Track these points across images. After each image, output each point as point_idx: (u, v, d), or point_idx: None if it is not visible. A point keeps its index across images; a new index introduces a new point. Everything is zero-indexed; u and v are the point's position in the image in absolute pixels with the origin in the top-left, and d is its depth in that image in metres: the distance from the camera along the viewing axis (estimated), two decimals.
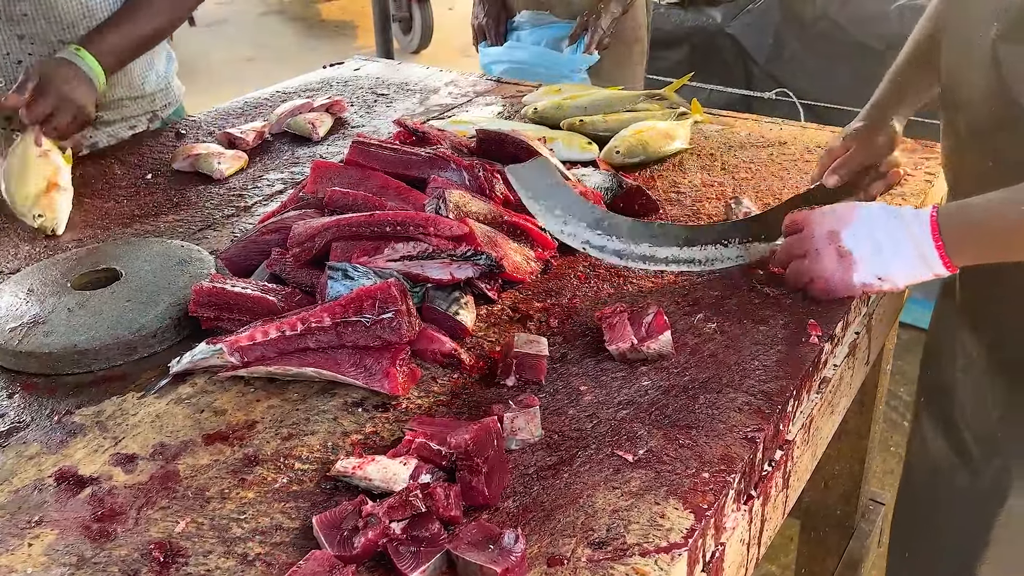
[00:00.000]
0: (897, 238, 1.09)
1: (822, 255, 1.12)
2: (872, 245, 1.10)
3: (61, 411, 1.05)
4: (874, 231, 1.10)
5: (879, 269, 1.10)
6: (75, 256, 1.30)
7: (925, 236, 1.07)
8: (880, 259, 1.10)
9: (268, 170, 1.68)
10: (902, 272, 1.10)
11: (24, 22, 1.62)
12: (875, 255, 1.10)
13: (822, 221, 1.13)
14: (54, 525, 0.89)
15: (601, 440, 0.97)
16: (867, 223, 1.10)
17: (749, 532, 0.98)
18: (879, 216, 1.11)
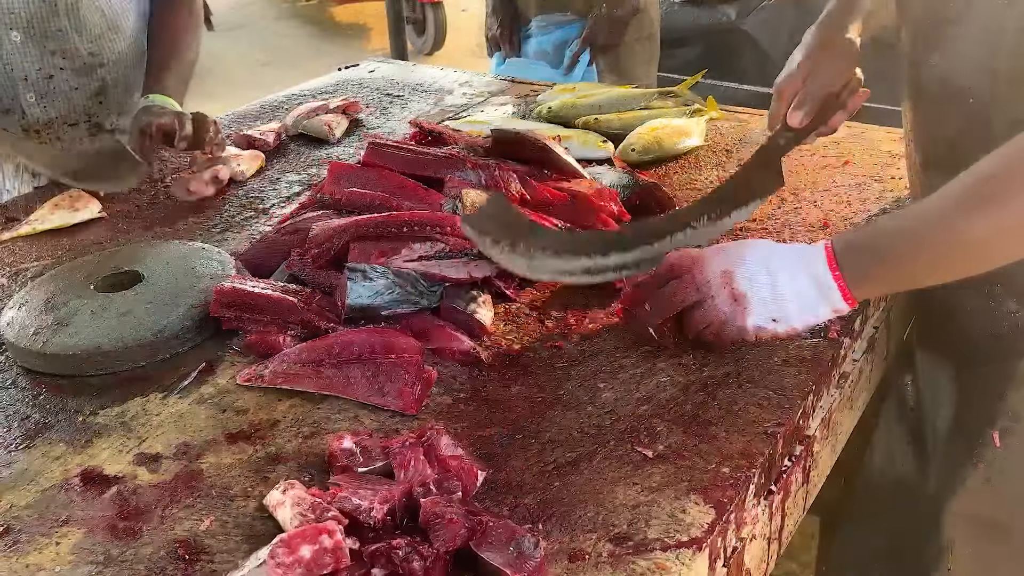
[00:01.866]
0: (794, 273, 0.99)
1: (716, 300, 1.01)
2: (768, 284, 1.00)
3: (86, 412, 1.06)
4: (770, 269, 1.00)
5: (774, 310, 1.00)
6: (97, 259, 1.31)
7: (823, 269, 0.97)
8: (777, 300, 0.99)
9: (285, 172, 1.69)
10: (798, 312, 1.00)
11: (57, 37, 1.66)
12: (772, 296, 1.00)
13: (712, 261, 1.02)
14: (81, 524, 0.90)
15: (620, 436, 0.97)
16: (761, 260, 1.00)
17: (770, 527, 0.98)
18: (774, 252, 1.01)
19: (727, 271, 1.01)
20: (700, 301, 1.03)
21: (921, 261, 0.97)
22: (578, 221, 1.35)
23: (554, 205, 1.36)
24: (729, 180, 1.23)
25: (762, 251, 1.02)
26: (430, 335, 1.13)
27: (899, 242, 0.97)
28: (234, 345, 1.16)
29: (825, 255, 0.98)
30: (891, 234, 0.98)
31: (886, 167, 1.54)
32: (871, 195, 1.45)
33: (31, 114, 1.69)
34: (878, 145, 1.62)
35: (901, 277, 1.02)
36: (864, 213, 1.40)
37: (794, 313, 1.00)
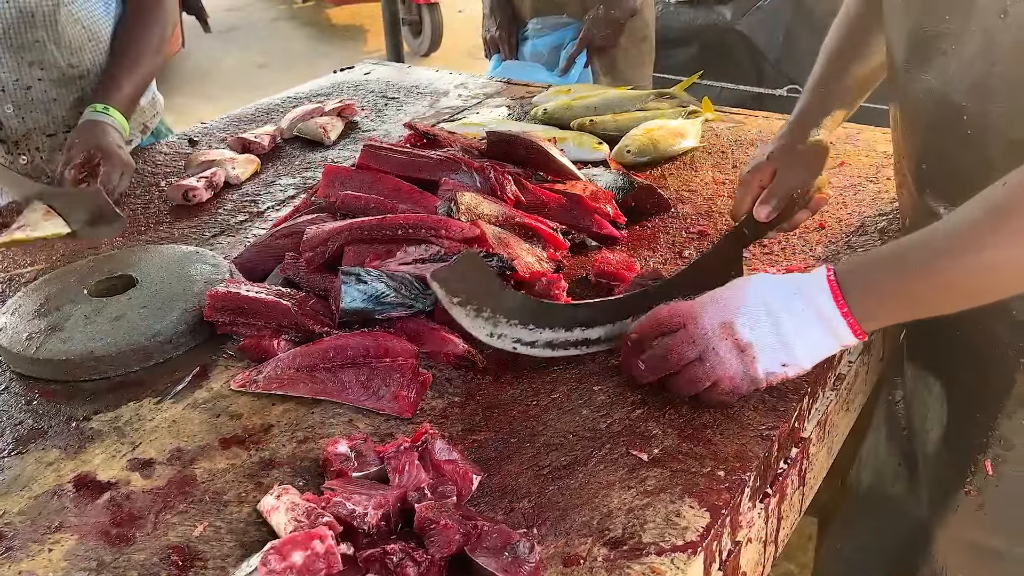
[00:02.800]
0: (797, 312, 0.94)
1: (720, 353, 0.95)
2: (772, 328, 0.95)
3: (79, 417, 1.06)
4: (771, 310, 0.95)
5: (783, 355, 0.95)
6: (91, 263, 1.31)
7: (828, 303, 0.93)
8: (786, 344, 0.95)
9: (280, 175, 1.69)
10: (807, 351, 0.96)
11: (35, 48, 1.64)
12: (779, 341, 0.95)
13: (707, 313, 0.97)
14: (74, 530, 0.89)
15: (615, 440, 0.97)
16: (760, 303, 0.96)
17: (766, 530, 0.98)
18: (772, 291, 0.96)
19: (726, 322, 0.96)
20: (701, 357, 0.97)
21: (938, 292, 0.93)
22: (574, 223, 1.35)
23: (550, 207, 1.36)
24: (692, 265, 1.20)
25: (760, 293, 0.97)
26: (425, 338, 1.12)
27: (916, 273, 0.92)
28: (228, 349, 1.16)
29: (829, 289, 0.94)
30: (899, 266, 0.94)
31: (881, 168, 1.54)
32: (867, 196, 1.45)
33: (9, 125, 1.67)
34: (873, 146, 1.62)
35: (911, 310, 0.99)
36: (859, 215, 1.39)
37: (803, 355, 0.96)
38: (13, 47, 1.62)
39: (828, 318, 0.94)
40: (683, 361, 0.98)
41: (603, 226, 1.35)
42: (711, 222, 1.41)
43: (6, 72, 1.63)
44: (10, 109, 1.67)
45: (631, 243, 1.36)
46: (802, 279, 0.97)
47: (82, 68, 1.70)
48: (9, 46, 1.61)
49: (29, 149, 1.71)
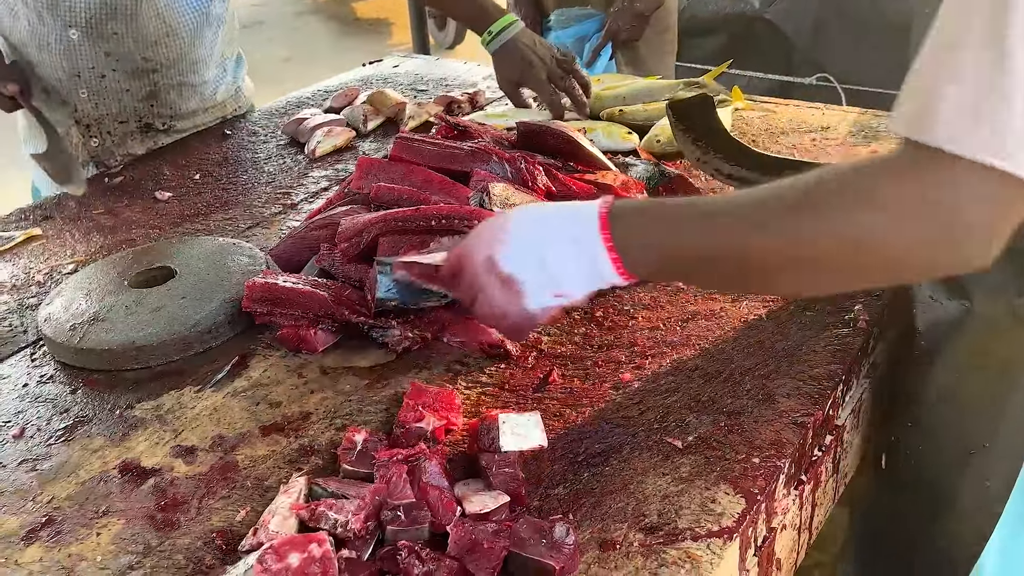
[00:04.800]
0: (564, 244, 0.88)
1: (487, 289, 0.92)
2: (535, 260, 0.89)
3: (122, 406, 1.08)
4: (531, 242, 0.90)
5: (552, 285, 0.90)
6: (131, 255, 1.33)
7: (593, 231, 0.86)
8: (552, 278, 0.89)
9: (312, 168, 1.70)
10: (574, 281, 0.89)
11: (112, 40, 1.71)
12: (544, 274, 0.89)
13: (475, 249, 0.93)
14: (120, 515, 0.92)
15: (649, 427, 0.98)
16: (521, 236, 0.91)
17: (800, 517, 0.99)
18: (533, 222, 0.92)
19: (488, 257, 0.91)
20: (476, 296, 0.94)
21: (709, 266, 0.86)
22: None
23: (580, 197, 1.36)
24: None
25: (524, 224, 0.92)
26: (458, 328, 1.13)
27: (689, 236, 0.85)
28: (266, 339, 1.18)
29: (599, 218, 0.86)
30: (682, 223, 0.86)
31: None
32: None
33: (82, 109, 1.76)
34: None
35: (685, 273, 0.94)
36: None
37: (572, 285, 0.90)
38: (92, 36, 1.69)
39: (593, 252, 0.86)
40: (467, 303, 0.96)
41: None
42: None
43: (83, 59, 1.71)
44: (84, 94, 1.75)
45: None
46: (573, 207, 0.91)
47: (155, 62, 1.77)
48: (89, 35, 1.69)
49: (101, 132, 1.80)
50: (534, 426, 0.96)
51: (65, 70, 1.71)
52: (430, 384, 1.05)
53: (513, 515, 0.87)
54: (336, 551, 0.82)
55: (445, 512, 0.87)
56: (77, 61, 1.70)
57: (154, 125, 1.84)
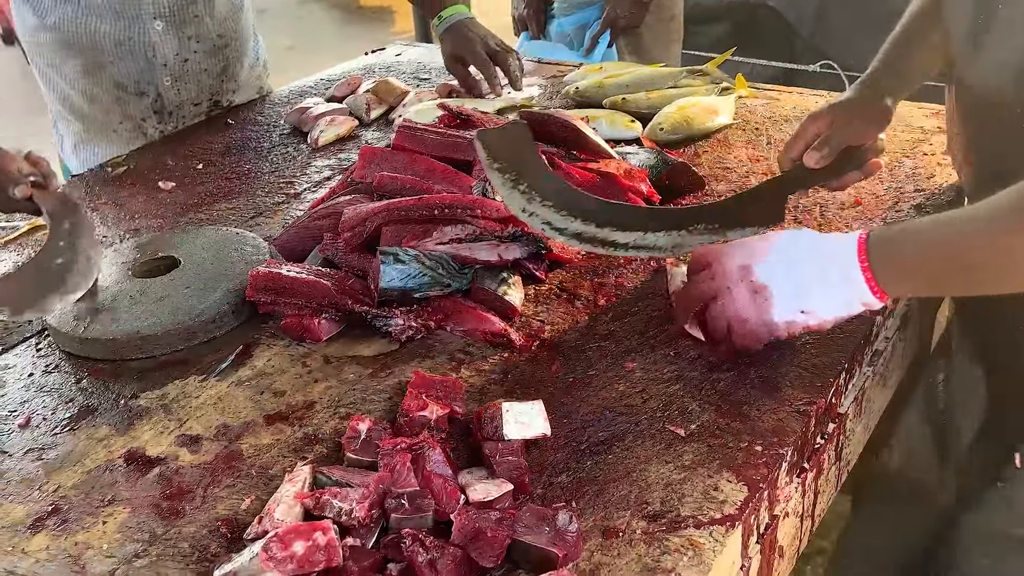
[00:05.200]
0: (820, 264, 0.95)
1: (733, 293, 0.98)
2: (790, 276, 0.96)
3: (127, 395, 1.09)
4: (793, 260, 0.96)
5: (801, 302, 0.96)
6: (135, 245, 1.34)
7: (851, 260, 0.94)
8: (801, 291, 0.96)
9: (315, 157, 1.70)
10: (827, 304, 0.96)
11: (194, 23, 1.79)
12: (794, 287, 0.96)
13: (731, 255, 0.99)
14: (126, 504, 0.92)
15: (652, 415, 0.98)
16: (784, 252, 0.97)
17: (803, 504, 0.99)
18: (799, 243, 0.98)
19: (745, 265, 0.98)
20: (718, 295, 0.99)
21: (957, 271, 0.94)
22: None
23: (583, 185, 1.36)
24: (734, 197, 1.22)
25: (785, 242, 0.98)
26: (461, 317, 1.14)
27: (938, 248, 0.93)
28: (270, 329, 1.18)
29: (856, 247, 0.94)
30: (930, 239, 0.94)
31: (918, 144, 1.52)
32: (903, 172, 1.43)
33: (167, 97, 1.83)
34: (910, 121, 1.60)
35: (934, 284, 1.00)
36: (896, 191, 1.38)
37: (822, 305, 0.96)
38: (175, 23, 1.77)
39: (848, 276, 0.94)
40: (703, 298, 1.01)
41: (637, 204, 1.35)
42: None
43: (169, 47, 1.78)
44: (168, 81, 1.81)
45: None
46: (834, 237, 0.98)
47: (227, 37, 1.86)
48: (172, 22, 1.76)
49: (177, 117, 1.87)
50: (537, 414, 0.96)
51: (150, 61, 1.77)
52: (434, 373, 1.05)
53: (516, 503, 0.87)
54: (340, 539, 0.82)
55: (449, 500, 0.87)
56: (164, 50, 1.77)
57: (220, 102, 1.92)
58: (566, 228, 1.12)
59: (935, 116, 1.61)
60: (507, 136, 1.11)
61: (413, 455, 0.90)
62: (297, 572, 0.79)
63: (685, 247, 1.13)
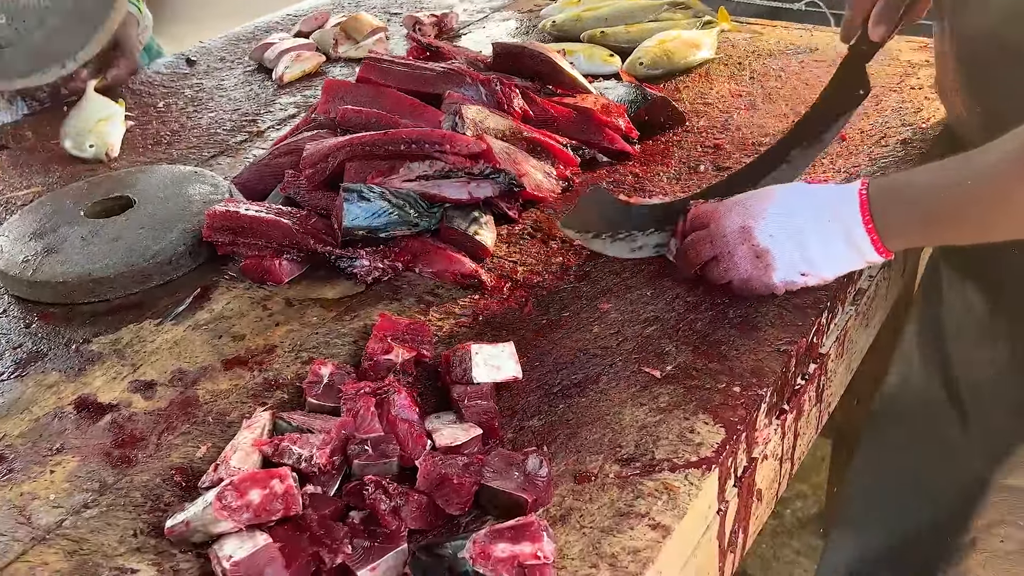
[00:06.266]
0: (822, 223, 0.93)
1: (735, 256, 0.96)
2: (792, 237, 0.94)
3: (78, 340, 1.04)
4: (793, 219, 0.94)
5: (802, 264, 0.95)
6: (87, 185, 1.27)
7: (854, 218, 0.91)
8: (803, 252, 0.94)
9: (280, 94, 1.63)
10: (829, 264, 0.95)
11: None
12: (797, 248, 0.94)
13: (730, 216, 0.97)
14: (75, 452, 0.88)
15: (627, 357, 0.94)
16: (784, 213, 0.94)
17: (782, 447, 0.96)
18: (798, 200, 0.95)
19: (746, 226, 0.95)
20: (718, 257, 0.97)
21: (965, 221, 0.90)
22: (584, 138, 1.30)
23: (559, 121, 1.30)
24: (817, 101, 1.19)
25: (785, 201, 0.95)
26: (430, 257, 1.09)
27: (943, 199, 0.90)
28: (230, 271, 1.13)
29: (859, 202, 0.91)
30: (934, 189, 0.91)
31: (905, 77, 1.47)
32: (889, 105, 1.38)
33: None
34: (897, 55, 1.55)
35: (941, 234, 0.97)
36: (882, 125, 1.34)
37: (824, 265, 0.94)
38: None
39: (852, 232, 0.91)
40: (701, 259, 0.99)
41: (615, 141, 1.30)
42: (727, 135, 1.35)
43: None
44: None
45: (644, 158, 1.31)
46: (833, 191, 0.94)
47: None
48: None
49: None
50: (508, 357, 0.92)
51: None
52: (401, 316, 1.01)
53: (485, 448, 0.84)
54: (300, 487, 0.79)
55: (414, 446, 0.83)
56: None
57: None
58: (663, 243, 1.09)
59: (922, 50, 1.55)
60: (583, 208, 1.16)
61: (377, 400, 0.85)
62: (253, 521, 0.75)
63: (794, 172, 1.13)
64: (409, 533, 0.76)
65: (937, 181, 0.91)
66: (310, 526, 0.76)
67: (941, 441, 1.16)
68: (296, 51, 1.69)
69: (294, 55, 1.68)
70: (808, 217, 0.93)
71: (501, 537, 0.73)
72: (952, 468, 1.13)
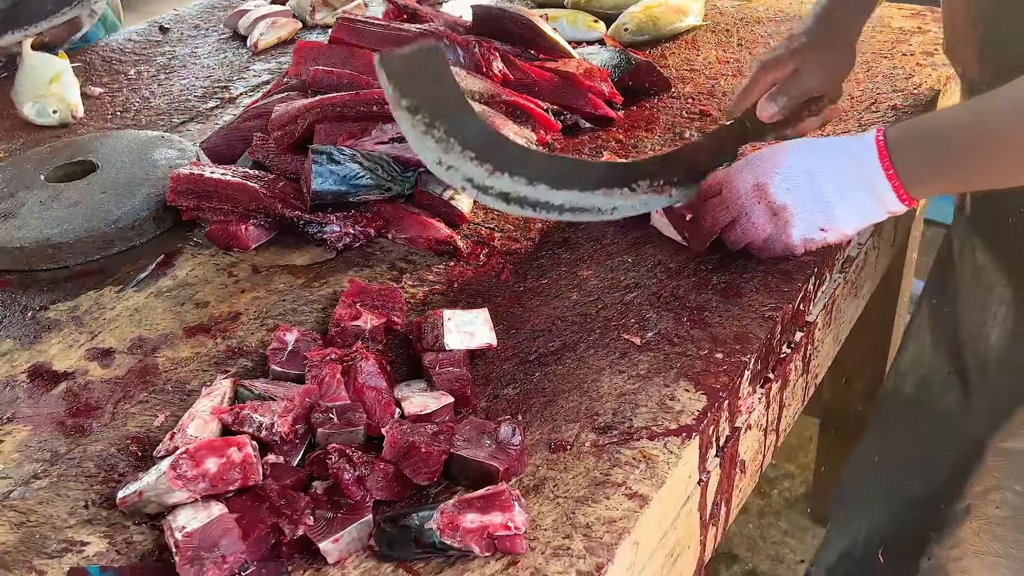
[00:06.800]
0: (841, 174, 0.88)
1: (752, 216, 0.91)
2: (811, 190, 0.89)
3: (35, 307, 0.99)
4: (810, 172, 0.89)
5: (821, 219, 0.89)
6: (50, 149, 1.22)
7: (874, 166, 0.86)
8: (822, 206, 0.89)
9: (254, 61, 1.58)
10: (849, 216, 0.89)
11: None
12: (815, 203, 0.89)
13: (742, 176, 0.92)
14: (27, 421, 0.84)
15: (607, 324, 0.90)
16: (799, 166, 0.89)
17: (767, 417, 0.92)
18: (813, 152, 0.90)
19: (760, 183, 0.90)
20: (735, 220, 0.92)
21: (988, 162, 0.85)
22: (566, 102, 1.25)
23: (540, 86, 1.26)
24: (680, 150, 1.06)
25: (801, 154, 0.90)
26: (404, 223, 1.05)
27: (964, 140, 0.85)
28: (195, 237, 1.09)
29: (876, 150, 0.86)
30: (955, 130, 0.86)
31: (896, 44, 1.43)
32: (880, 72, 1.35)
33: None
34: (888, 22, 1.51)
35: (965, 178, 0.91)
36: (872, 91, 1.30)
37: (844, 218, 0.89)
38: None
39: (873, 181, 0.86)
40: (718, 226, 0.94)
41: (598, 106, 1.26)
42: (714, 102, 1.31)
43: None
44: None
45: (628, 124, 1.27)
46: (848, 140, 0.89)
47: None
48: None
49: None
50: (482, 323, 0.88)
51: None
52: (372, 283, 0.97)
53: (457, 417, 0.80)
54: (261, 456, 0.75)
55: (383, 414, 0.79)
56: None
57: None
58: (491, 187, 0.89)
59: (914, 17, 1.51)
60: (419, 62, 0.83)
61: (344, 367, 0.81)
62: (210, 491, 0.72)
63: (624, 210, 0.97)
64: (375, 504, 0.73)
65: (960, 122, 0.86)
66: (270, 496, 0.72)
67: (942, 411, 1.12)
68: (272, 17, 1.64)
69: (270, 21, 1.63)
70: (825, 169, 0.88)
71: (470, 507, 0.70)
72: (951, 436, 1.09)
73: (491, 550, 0.68)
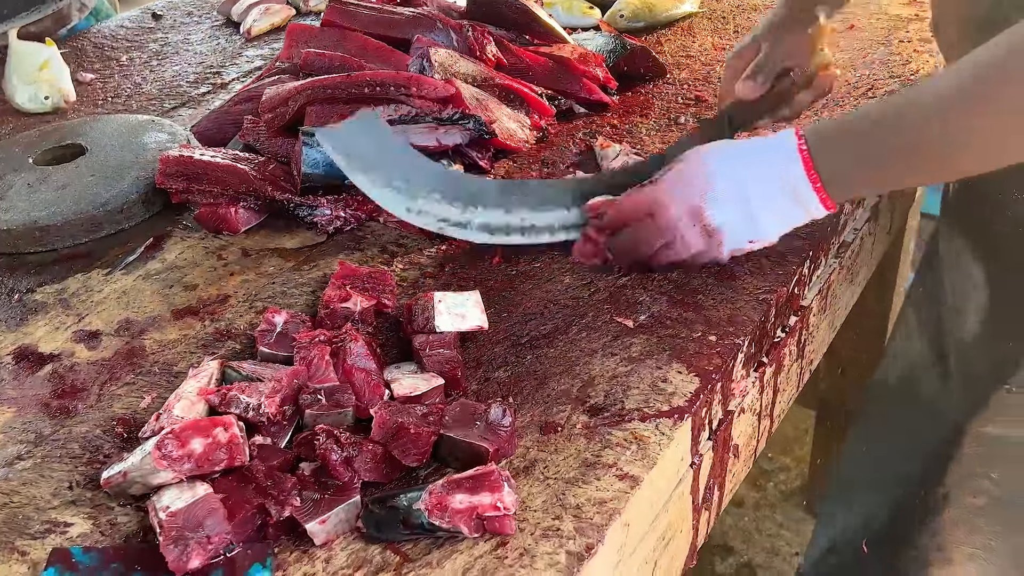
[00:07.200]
0: (768, 187, 0.84)
1: (687, 238, 0.85)
2: (740, 206, 0.84)
3: (22, 289, 0.98)
4: (741, 187, 0.84)
5: (750, 233, 0.86)
6: (39, 133, 1.21)
7: (798, 173, 0.82)
8: (752, 223, 0.85)
9: (247, 47, 1.57)
10: (774, 224, 0.86)
11: None
12: (747, 220, 0.85)
13: (675, 199, 0.86)
14: (11, 403, 0.83)
15: (599, 307, 0.90)
16: (730, 181, 0.85)
17: (760, 401, 0.92)
18: (740, 163, 0.85)
19: (694, 207, 0.84)
20: (669, 244, 0.87)
21: (912, 162, 0.81)
22: (561, 87, 1.24)
23: (535, 71, 1.25)
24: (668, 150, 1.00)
25: (728, 167, 0.85)
26: None
27: (886, 140, 0.81)
28: (185, 220, 1.08)
29: (800, 157, 0.82)
30: (876, 130, 0.82)
31: (893, 31, 1.42)
32: (877, 58, 1.34)
33: None
34: (885, 9, 1.50)
35: (888, 179, 0.87)
36: (869, 78, 1.29)
37: (771, 229, 0.86)
38: None
39: (797, 189, 0.83)
40: (651, 250, 0.88)
41: (592, 91, 1.25)
42: (709, 88, 1.30)
43: None
44: None
45: (623, 109, 1.26)
46: (769, 145, 0.85)
47: None
48: None
49: None
50: (473, 305, 0.87)
51: None
52: (363, 266, 0.95)
53: (448, 400, 0.79)
54: (248, 438, 0.74)
55: (371, 396, 0.78)
56: None
57: None
58: (470, 221, 0.90)
59: (911, 4, 1.50)
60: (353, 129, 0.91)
61: (333, 348, 0.80)
62: (195, 472, 0.71)
63: None
64: (363, 486, 0.72)
65: (879, 122, 0.82)
66: (256, 477, 0.71)
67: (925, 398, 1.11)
68: (265, 4, 1.63)
69: (263, 8, 1.62)
70: (752, 178, 0.84)
71: (459, 488, 0.69)
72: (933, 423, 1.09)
73: (480, 531, 0.67)
